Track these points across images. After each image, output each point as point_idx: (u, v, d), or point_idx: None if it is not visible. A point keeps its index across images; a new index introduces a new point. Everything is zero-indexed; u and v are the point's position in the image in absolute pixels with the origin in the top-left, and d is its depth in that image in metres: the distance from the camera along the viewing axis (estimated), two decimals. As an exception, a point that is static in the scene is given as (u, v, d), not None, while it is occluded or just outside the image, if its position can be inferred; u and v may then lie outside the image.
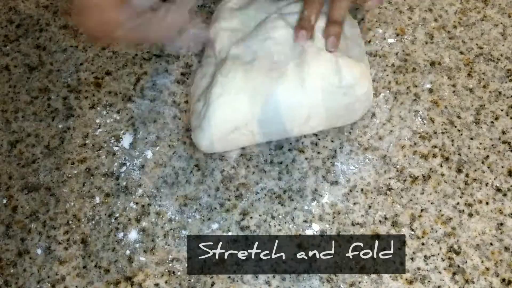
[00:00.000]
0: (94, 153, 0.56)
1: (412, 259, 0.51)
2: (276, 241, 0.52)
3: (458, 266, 0.51)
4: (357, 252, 0.51)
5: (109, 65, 0.60)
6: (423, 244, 0.51)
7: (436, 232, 0.52)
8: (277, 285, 0.50)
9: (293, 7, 0.55)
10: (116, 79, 0.59)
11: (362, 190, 0.54)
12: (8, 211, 0.54)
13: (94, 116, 0.58)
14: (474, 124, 0.57)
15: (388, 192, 0.54)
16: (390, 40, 0.61)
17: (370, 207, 0.53)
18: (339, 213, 0.53)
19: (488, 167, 0.55)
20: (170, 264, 0.51)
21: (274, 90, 0.50)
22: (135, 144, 0.56)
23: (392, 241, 0.52)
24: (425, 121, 0.57)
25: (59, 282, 0.51)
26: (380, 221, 0.52)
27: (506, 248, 0.51)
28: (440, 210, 0.53)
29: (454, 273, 0.50)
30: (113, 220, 0.53)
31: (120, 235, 0.53)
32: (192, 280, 0.51)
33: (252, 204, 0.53)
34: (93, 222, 0.53)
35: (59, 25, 0.63)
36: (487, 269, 0.50)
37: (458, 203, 0.53)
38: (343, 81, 0.51)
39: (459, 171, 0.54)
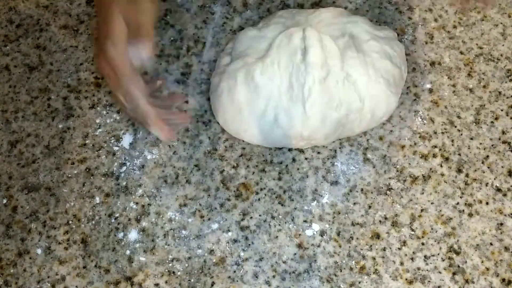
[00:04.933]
0: (94, 153, 0.56)
1: (412, 259, 0.51)
2: (276, 241, 0.52)
3: (458, 266, 0.51)
4: (357, 252, 0.51)
5: (109, 65, 0.60)
6: (423, 244, 0.52)
7: (436, 232, 0.52)
8: (277, 285, 0.50)
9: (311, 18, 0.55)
10: (116, 79, 0.59)
11: (362, 190, 0.54)
12: (8, 211, 0.54)
13: (94, 116, 0.58)
14: (474, 124, 0.57)
15: (388, 192, 0.54)
16: (390, 40, 0.61)
17: (370, 207, 0.53)
18: (339, 213, 0.53)
19: (488, 167, 0.55)
20: (170, 264, 0.51)
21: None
22: (135, 144, 0.56)
23: (392, 241, 0.52)
24: (425, 121, 0.57)
25: (59, 282, 0.51)
26: (380, 221, 0.52)
27: (506, 248, 0.51)
28: (440, 210, 0.53)
29: (454, 273, 0.50)
30: (113, 220, 0.53)
31: (120, 235, 0.53)
32: (192, 280, 0.51)
33: (252, 204, 0.53)
34: (93, 222, 0.53)
35: (59, 25, 0.63)
36: (487, 269, 0.50)
37: (458, 203, 0.53)
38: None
39: (459, 171, 0.54)
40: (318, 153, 0.55)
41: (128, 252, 0.52)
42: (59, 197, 0.54)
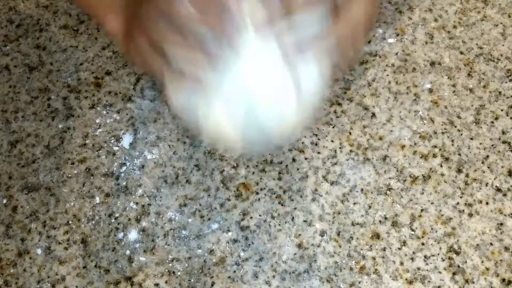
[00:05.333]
0: (94, 153, 0.56)
1: (412, 259, 0.51)
2: (276, 241, 0.52)
3: (458, 266, 0.51)
4: (357, 252, 0.51)
5: (109, 65, 0.60)
6: (423, 244, 0.52)
7: (436, 232, 0.52)
8: (277, 285, 0.50)
9: None
10: (116, 79, 0.59)
11: (362, 190, 0.54)
12: (8, 211, 0.54)
13: (94, 116, 0.58)
14: (474, 124, 0.57)
15: (388, 192, 0.54)
16: (390, 40, 0.61)
17: (370, 207, 0.53)
18: (339, 213, 0.53)
19: (488, 167, 0.55)
20: (170, 264, 0.51)
21: None
22: (135, 144, 0.56)
23: (392, 241, 0.52)
24: (425, 121, 0.57)
25: (59, 282, 0.51)
26: (380, 221, 0.52)
27: (506, 248, 0.51)
28: (440, 210, 0.53)
29: (454, 273, 0.50)
30: (113, 220, 0.53)
31: (120, 235, 0.53)
32: (192, 280, 0.51)
33: (252, 204, 0.53)
34: (93, 222, 0.53)
35: (59, 25, 0.63)
36: (487, 269, 0.50)
37: (458, 203, 0.53)
38: None
39: (459, 171, 0.54)
40: (318, 153, 0.55)
41: (128, 252, 0.52)
42: (59, 197, 0.54)
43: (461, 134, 0.56)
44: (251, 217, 0.53)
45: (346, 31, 0.42)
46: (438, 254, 0.51)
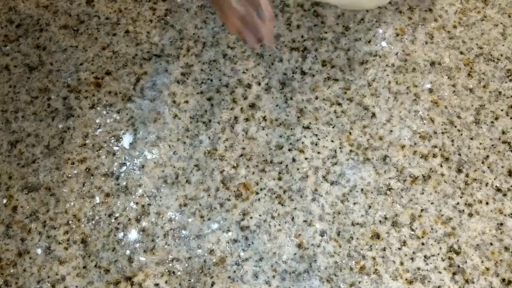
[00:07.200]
0: (94, 153, 0.56)
1: (412, 259, 0.51)
2: (276, 241, 0.52)
3: (458, 266, 0.51)
4: (357, 252, 0.51)
5: (109, 65, 0.60)
6: (423, 244, 0.52)
7: (436, 232, 0.52)
8: (277, 285, 0.50)
9: None
10: (116, 79, 0.59)
11: (362, 190, 0.54)
12: (8, 211, 0.54)
13: (94, 116, 0.58)
14: (474, 124, 0.57)
15: (388, 192, 0.54)
16: (390, 40, 0.61)
17: (370, 207, 0.53)
18: (339, 213, 0.53)
19: (488, 167, 0.55)
20: (170, 264, 0.51)
21: None
22: (135, 144, 0.56)
23: (392, 241, 0.52)
24: (425, 121, 0.57)
25: (59, 282, 0.51)
26: (380, 221, 0.52)
27: (506, 248, 0.51)
28: (440, 210, 0.53)
29: (454, 273, 0.50)
30: (113, 220, 0.53)
31: (120, 235, 0.53)
32: (192, 280, 0.51)
33: (252, 204, 0.53)
34: (93, 222, 0.53)
35: (59, 25, 0.63)
36: (487, 269, 0.50)
37: (458, 203, 0.53)
38: None
39: (459, 171, 0.54)
40: (318, 153, 0.55)
41: (128, 252, 0.52)
42: (59, 197, 0.54)
43: (461, 134, 0.56)
44: (251, 217, 0.53)
45: None
46: (438, 254, 0.51)
